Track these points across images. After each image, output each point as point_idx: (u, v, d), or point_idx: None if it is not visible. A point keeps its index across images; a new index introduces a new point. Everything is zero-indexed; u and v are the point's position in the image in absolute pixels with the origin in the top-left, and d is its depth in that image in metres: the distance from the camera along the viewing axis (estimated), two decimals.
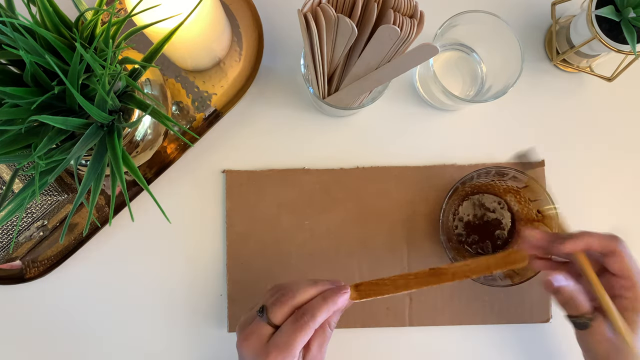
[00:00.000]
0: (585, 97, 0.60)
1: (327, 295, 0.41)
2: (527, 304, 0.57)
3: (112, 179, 0.40)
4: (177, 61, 0.55)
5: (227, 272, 0.57)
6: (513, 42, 0.51)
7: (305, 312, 0.40)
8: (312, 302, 0.41)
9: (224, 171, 0.58)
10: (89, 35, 0.40)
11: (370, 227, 0.58)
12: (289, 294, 0.41)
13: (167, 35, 0.41)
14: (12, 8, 0.39)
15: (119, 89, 0.42)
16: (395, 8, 0.42)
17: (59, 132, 0.39)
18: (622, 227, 0.59)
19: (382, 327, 0.57)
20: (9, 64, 0.40)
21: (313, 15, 0.42)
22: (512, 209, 0.58)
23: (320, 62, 0.46)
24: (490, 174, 0.54)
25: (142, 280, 0.58)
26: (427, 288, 0.52)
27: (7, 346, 0.57)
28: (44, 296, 0.57)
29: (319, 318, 0.40)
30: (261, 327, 0.41)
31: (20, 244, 0.55)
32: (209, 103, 0.57)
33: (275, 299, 0.41)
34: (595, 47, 0.53)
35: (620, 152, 0.59)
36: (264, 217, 0.57)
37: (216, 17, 0.50)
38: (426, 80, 0.57)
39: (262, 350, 0.40)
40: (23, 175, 0.50)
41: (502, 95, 0.52)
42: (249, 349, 0.40)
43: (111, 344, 0.57)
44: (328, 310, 0.40)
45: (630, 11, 0.48)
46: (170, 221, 0.57)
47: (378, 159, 0.58)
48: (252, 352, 0.40)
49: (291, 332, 0.39)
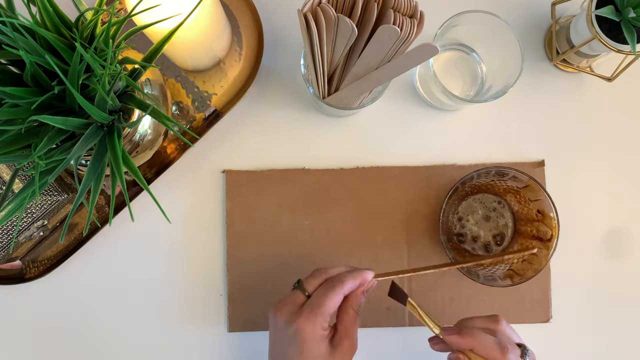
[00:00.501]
0: (585, 97, 0.60)
1: (354, 269, 0.46)
2: (527, 304, 0.57)
3: (112, 179, 0.40)
4: (177, 61, 0.55)
5: (227, 272, 0.57)
6: (513, 42, 0.51)
7: (334, 279, 0.45)
8: (341, 273, 0.46)
9: (224, 171, 0.58)
10: (89, 35, 0.40)
11: (370, 227, 0.58)
12: (322, 270, 0.46)
13: (167, 35, 0.41)
14: (12, 8, 0.39)
15: (119, 89, 0.42)
16: (395, 8, 0.42)
17: (59, 132, 0.39)
18: (622, 227, 0.59)
19: (382, 327, 0.57)
20: (9, 64, 0.40)
21: (313, 15, 0.42)
22: (512, 209, 0.58)
23: (320, 62, 0.46)
24: (490, 174, 0.54)
25: (142, 280, 0.58)
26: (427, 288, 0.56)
27: (7, 346, 0.57)
28: (44, 296, 0.57)
29: (346, 283, 0.44)
30: (296, 296, 0.45)
31: (20, 244, 0.55)
32: (209, 103, 0.57)
33: (310, 274, 0.47)
34: (595, 47, 0.53)
35: (620, 152, 0.59)
36: (264, 217, 0.57)
37: (216, 17, 0.50)
38: (426, 80, 0.57)
39: (296, 312, 0.44)
40: (23, 175, 0.50)
41: (502, 95, 0.52)
42: (283, 314, 0.44)
43: (111, 344, 0.57)
44: (354, 279, 0.45)
45: (630, 11, 0.48)
46: (170, 221, 0.57)
47: (378, 159, 0.58)
48: (286, 316, 0.44)
49: (322, 293, 0.44)
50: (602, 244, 0.59)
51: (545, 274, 0.57)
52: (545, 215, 0.53)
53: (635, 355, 0.58)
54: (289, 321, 0.43)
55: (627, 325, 0.58)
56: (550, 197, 0.52)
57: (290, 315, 0.43)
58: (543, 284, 0.57)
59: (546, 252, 0.52)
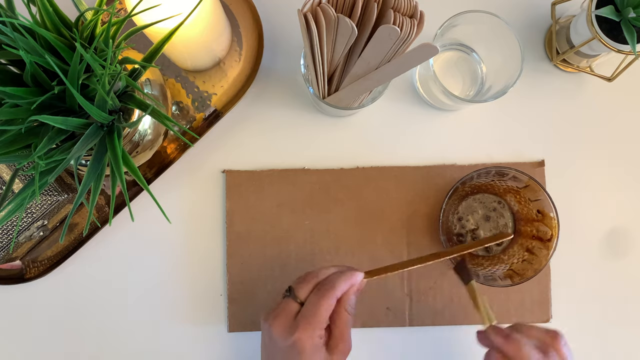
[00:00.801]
0: (585, 97, 0.60)
1: (344, 270, 0.45)
2: (527, 304, 0.57)
3: (112, 179, 0.40)
4: (177, 61, 0.55)
5: (227, 272, 0.57)
6: (513, 42, 0.51)
7: (325, 283, 0.44)
8: (331, 276, 0.45)
9: (224, 171, 0.58)
10: (89, 35, 0.40)
11: (370, 227, 0.58)
12: (312, 273, 0.45)
13: (167, 35, 0.41)
14: (12, 8, 0.39)
15: (119, 89, 0.42)
16: (395, 8, 0.42)
17: (59, 132, 0.39)
18: (622, 227, 0.59)
19: (382, 327, 0.57)
20: (9, 64, 0.40)
21: (313, 15, 0.42)
22: (512, 209, 0.58)
23: (320, 62, 0.46)
24: (490, 174, 0.54)
25: (142, 280, 0.58)
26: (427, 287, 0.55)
27: (7, 346, 0.57)
28: (44, 296, 0.57)
29: (338, 287, 0.43)
30: (289, 305, 0.44)
31: (20, 244, 0.55)
32: (209, 103, 0.57)
33: (300, 278, 0.46)
34: (595, 47, 0.53)
35: (621, 152, 0.59)
36: (264, 217, 0.57)
37: (216, 17, 0.50)
38: (426, 80, 0.57)
39: (292, 324, 0.43)
40: (23, 175, 0.50)
41: (502, 95, 0.52)
42: (279, 327, 0.43)
43: (111, 344, 0.57)
44: (345, 281, 0.44)
45: (630, 11, 0.48)
46: (170, 221, 0.57)
47: (378, 159, 0.58)
48: (282, 329, 0.43)
49: (315, 301, 0.43)
50: (602, 244, 0.59)
51: (545, 274, 0.57)
52: (545, 215, 0.53)
53: (635, 355, 0.58)
54: (285, 334, 0.43)
55: (627, 325, 0.58)
56: (550, 197, 0.52)
57: (287, 328, 0.43)
58: (543, 284, 0.57)
59: (546, 252, 0.52)
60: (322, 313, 0.42)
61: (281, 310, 0.44)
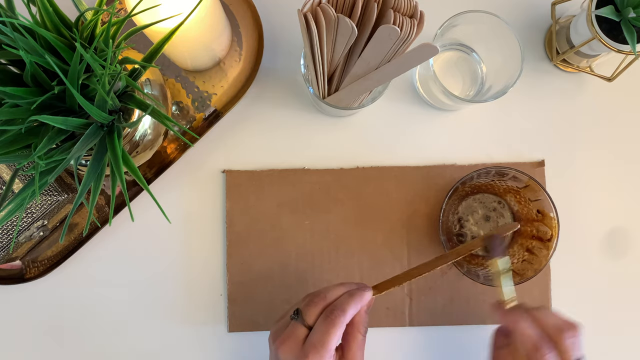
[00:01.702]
0: (585, 97, 0.60)
1: (353, 292, 0.43)
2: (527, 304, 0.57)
3: (112, 179, 0.40)
4: (177, 61, 0.55)
5: (227, 272, 0.57)
6: (513, 42, 0.51)
7: (334, 308, 0.42)
8: (340, 299, 0.43)
9: (224, 171, 0.58)
10: (89, 35, 0.40)
11: (370, 227, 0.58)
12: (320, 295, 0.44)
13: (167, 35, 0.41)
14: (12, 8, 0.39)
15: (119, 89, 0.42)
16: (395, 8, 0.42)
17: (59, 132, 0.39)
18: (622, 227, 0.59)
19: (382, 327, 0.57)
20: (9, 64, 0.40)
21: (313, 15, 0.42)
22: (512, 209, 0.58)
23: (320, 62, 0.46)
24: (490, 174, 0.54)
25: (142, 280, 0.58)
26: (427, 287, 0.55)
27: (7, 346, 0.57)
28: (44, 296, 0.57)
29: (348, 311, 0.42)
30: (297, 329, 0.42)
31: (20, 244, 0.55)
32: (209, 103, 0.57)
33: (308, 300, 0.44)
34: (595, 47, 0.53)
35: (621, 152, 0.59)
36: (264, 217, 0.57)
37: (216, 17, 0.50)
38: (426, 80, 0.57)
39: (300, 352, 0.41)
40: (23, 175, 0.50)
41: (502, 95, 0.52)
42: (286, 353, 0.42)
43: (111, 344, 0.57)
44: (355, 304, 0.42)
45: (630, 11, 0.48)
46: (170, 221, 0.57)
47: (378, 159, 0.58)
48: (290, 355, 0.42)
49: (324, 328, 0.41)
50: (602, 244, 0.59)
51: (545, 274, 0.57)
52: (545, 215, 0.53)
53: (635, 355, 0.58)
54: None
55: (627, 325, 0.58)
56: (550, 197, 0.52)
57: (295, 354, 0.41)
58: (543, 284, 0.57)
59: (546, 252, 0.52)
60: (331, 342, 0.41)
61: (289, 334, 0.43)
